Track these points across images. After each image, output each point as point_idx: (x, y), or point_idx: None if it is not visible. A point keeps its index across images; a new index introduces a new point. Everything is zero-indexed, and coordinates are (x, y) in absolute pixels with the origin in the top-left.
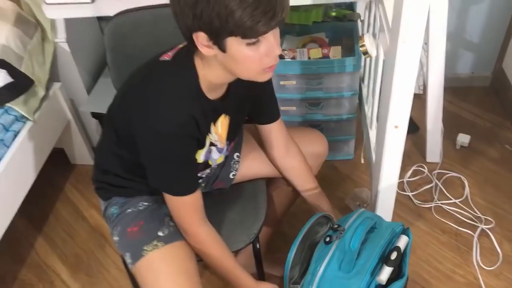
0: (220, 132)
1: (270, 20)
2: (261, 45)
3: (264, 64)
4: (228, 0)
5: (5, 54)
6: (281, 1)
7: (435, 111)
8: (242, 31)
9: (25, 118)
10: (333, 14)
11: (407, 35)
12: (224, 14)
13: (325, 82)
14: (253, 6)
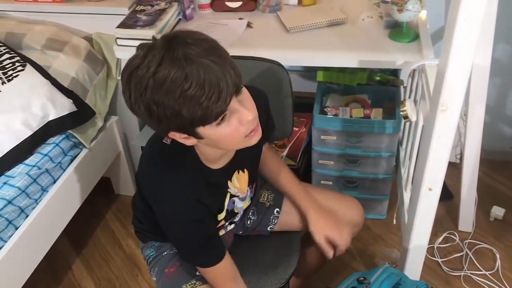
0: (239, 186)
1: (218, 101)
2: (231, 118)
3: (243, 133)
4: (171, 101)
5: (74, 85)
6: (223, 76)
7: (470, 180)
8: (200, 121)
9: (82, 145)
10: (377, 78)
11: (446, 104)
12: (176, 115)
13: (365, 141)
14: (194, 99)
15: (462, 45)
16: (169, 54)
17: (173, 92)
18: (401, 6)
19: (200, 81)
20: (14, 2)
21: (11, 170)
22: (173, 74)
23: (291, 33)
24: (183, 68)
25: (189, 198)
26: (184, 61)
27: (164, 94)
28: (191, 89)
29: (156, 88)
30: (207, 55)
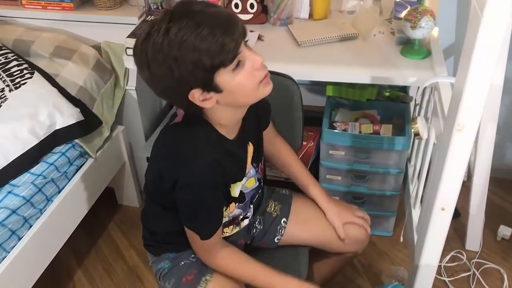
0: (247, 161)
1: (233, 35)
2: (244, 64)
3: (258, 78)
4: (190, 49)
5: (81, 94)
6: (232, 17)
7: (479, 199)
8: (219, 63)
9: (88, 155)
10: (386, 94)
11: (463, 124)
12: (196, 63)
13: (373, 157)
14: (210, 37)
15: (481, 67)
16: (176, 13)
17: (189, 40)
18: (414, 23)
19: (212, 23)
20: (23, 9)
21: (16, 179)
22: (184, 24)
23: (303, 47)
24: (193, 18)
25: (211, 158)
26: (192, 13)
27: (181, 45)
28: (205, 31)
29: (172, 43)
30: (212, 6)
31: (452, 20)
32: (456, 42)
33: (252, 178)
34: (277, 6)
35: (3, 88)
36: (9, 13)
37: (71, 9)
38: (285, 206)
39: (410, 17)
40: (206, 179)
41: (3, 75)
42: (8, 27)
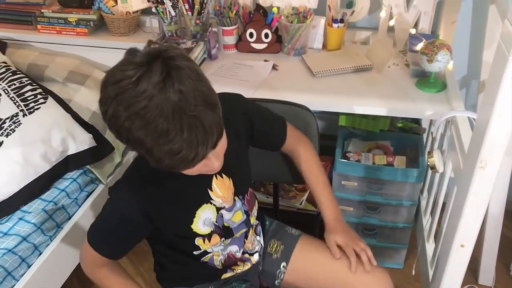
0: (221, 194)
1: (190, 163)
2: (200, 163)
3: (204, 172)
4: (147, 139)
5: (94, 120)
6: (204, 143)
7: (493, 234)
8: (178, 168)
9: (99, 181)
10: (399, 125)
11: (485, 161)
12: (146, 151)
13: (386, 188)
14: (180, 149)
15: (507, 105)
16: (163, 94)
17: (150, 135)
18: (431, 56)
19: (180, 138)
20: (38, 34)
21: (27, 205)
22: (158, 119)
23: (317, 77)
24: (170, 121)
25: (134, 204)
26: (174, 113)
27: (143, 131)
28: (170, 146)
29: (138, 122)
30: (198, 108)
31: (465, 53)
32: (467, 75)
33: (238, 212)
34: (291, 36)
35: (17, 113)
36: (24, 37)
37: (85, 34)
38: (287, 250)
39: (426, 50)
40: (116, 210)
41: (17, 100)
42: (23, 52)
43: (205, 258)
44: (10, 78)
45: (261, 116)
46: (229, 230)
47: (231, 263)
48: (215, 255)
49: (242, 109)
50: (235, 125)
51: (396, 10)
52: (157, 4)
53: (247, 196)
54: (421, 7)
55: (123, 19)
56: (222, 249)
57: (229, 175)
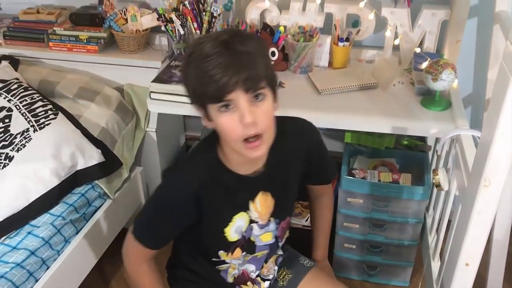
0: (260, 210)
1: (226, 78)
2: (234, 113)
3: (239, 134)
4: (192, 68)
5: (103, 135)
6: (242, 65)
7: (499, 253)
8: (201, 95)
9: (107, 196)
10: (404, 143)
11: (489, 180)
12: (187, 82)
13: (392, 206)
14: (208, 68)
15: (510, 123)
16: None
17: (192, 63)
18: (436, 75)
19: (215, 62)
20: (49, 51)
21: (36, 219)
22: (204, 50)
23: (323, 95)
24: (219, 45)
25: (190, 178)
26: (221, 44)
27: (188, 64)
28: (204, 67)
29: (187, 59)
30: (240, 46)
31: (470, 71)
32: (473, 93)
33: (269, 233)
34: (297, 55)
35: (28, 128)
36: (36, 55)
37: (95, 51)
38: (295, 280)
39: (431, 69)
40: (171, 192)
41: (28, 115)
42: (34, 68)
43: (220, 267)
44: (22, 94)
45: (324, 152)
46: (252, 246)
47: (242, 281)
48: (231, 267)
49: (312, 141)
50: (299, 154)
51: (401, 29)
52: (166, 22)
53: (283, 223)
54: (426, 27)
55: (133, 37)
56: (240, 263)
57: (274, 195)
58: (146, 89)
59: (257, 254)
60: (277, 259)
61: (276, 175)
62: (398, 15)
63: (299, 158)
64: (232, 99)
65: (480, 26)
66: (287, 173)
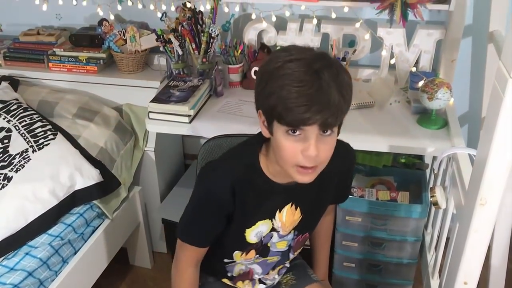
0: (284, 221)
1: (309, 114)
2: (300, 141)
3: (297, 161)
4: (272, 83)
5: (102, 155)
6: (329, 104)
7: (499, 269)
8: (277, 114)
9: (105, 216)
10: (402, 161)
11: (485, 198)
12: (267, 95)
13: (390, 224)
14: (295, 95)
15: (504, 142)
16: (309, 62)
17: (279, 79)
18: (431, 94)
19: (303, 92)
20: (49, 71)
21: (34, 240)
22: (295, 70)
23: None
24: (307, 75)
25: (225, 178)
26: (314, 73)
27: (273, 76)
28: (291, 91)
29: (274, 70)
30: (331, 81)
31: (466, 90)
32: (469, 111)
33: (285, 241)
34: None
35: (27, 149)
36: (36, 75)
37: (95, 72)
38: (297, 286)
39: (427, 88)
40: (212, 187)
41: (27, 136)
42: (34, 89)
43: (229, 265)
44: (21, 114)
45: (352, 174)
46: (267, 250)
47: (242, 277)
48: (239, 264)
49: (351, 166)
50: (337, 176)
51: (397, 49)
52: (165, 43)
53: (301, 236)
54: (421, 46)
55: (132, 58)
56: (249, 263)
57: (302, 211)
58: (144, 109)
59: (268, 258)
60: (281, 269)
61: (310, 192)
62: (394, 35)
63: (336, 179)
64: (305, 129)
65: (474, 45)
66: (321, 192)
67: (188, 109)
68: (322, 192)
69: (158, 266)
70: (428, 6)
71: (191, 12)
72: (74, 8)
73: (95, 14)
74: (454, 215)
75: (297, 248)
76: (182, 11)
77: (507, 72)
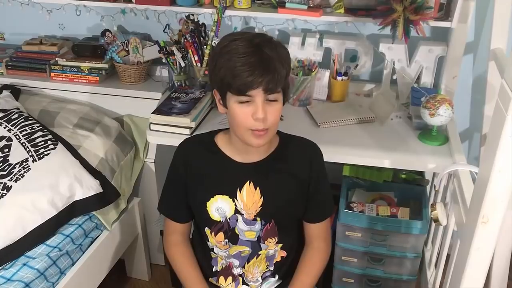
0: (245, 201)
1: (253, 79)
2: (249, 106)
3: (250, 124)
4: (225, 58)
5: (102, 166)
6: (269, 70)
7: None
8: (227, 85)
9: (104, 227)
10: (403, 177)
11: (487, 217)
12: (217, 71)
13: (390, 240)
14: (239, 64)
15: (507, 159)
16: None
17: (226, 55)
18: (433, 110)
19: (247, 61)
20: (51, 81)
21: (31, 250)
22: (239, 45)
23: (322, 128)
24: (249, 48)
25: (184, 151)
26: (255, 46)
27: (221, 54)
28: (243, 59)
29: (221, 49)
30: (270, 52)
31: (467, 106)
32: (470, 127)
33: (253, 232)
34: (296, 88)
35: (27, 158)
36: (37, 84)
37: (96, 82)
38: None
39: (428, 105)
40: (173, 160)
41: (27, 145)
42: (35, 98)
43: (212, 254)
44: (22, 123)
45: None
46: (235, 238)
47: (227, 273)
48: (219, 257)
49: (315, 158)
50: (300, 166)
51: (399, 64)
52: (167, 55)
53: (268, 225)
54: (423, 62)
55: (134, 69)
56: (226, 256)
57: (262, 193)
58: (145, 120)
59: (239, 248)
60: (265, 272)
61: (269, 174)
62: (395, 50)
63: (302, 171)
64: (251, 95)
65: (476, 62)
66: (283, 178)
67: (189, 121)
68: (282, 179)
69: (156, 279)
70: (430, 23)
71: (194, 25)
72: (77, 19)
73: (98, 24)
74: (455, 232)
75: (267, 238)
76: (185, 23)
77: (511, 90)
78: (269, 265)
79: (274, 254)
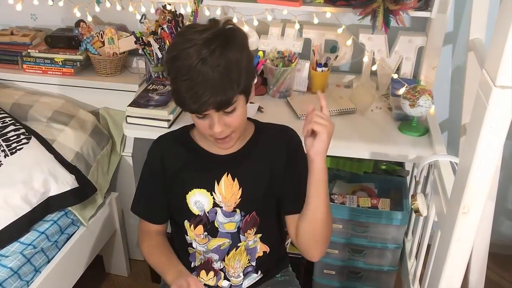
0: (224, 194)
1: (193, 105)
2: (206, 119)
3: (210, 134)
4: (177, 83)
5: (77, 160)
6: (216, 90)
7: (478, 277)
8: (188, 109)
9: (80, 223)
10: (383, 167)
11: (468, 207)
12: (176, 96)
13: (371, 231)
14: (190, 90)
15: (488, 150)
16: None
17: (173, 70)
18: (413, 101)
19: (190, 85)
20: (23, 73)
21: (4, 248)
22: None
23: (302, 119)
24: (192, 66)
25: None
26: (200, 62)
27: (171, 66)
28: (181, 85)
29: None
30: (216, 66)
31: (446, 97)
32: (449, 118)
33: (233, 223)
34: (276, 79)
35: None
36: (9, 77)
37: (71, 74)
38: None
39: (408, 95)
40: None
41: None
42: (7, 91)
43: (190, 249)
44: None
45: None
46: (214, 230)
47: (207, 268)
48: (197, 252)
49: (293, 144)
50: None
51: (379, 55)
52: (144, 46)
53: (248, 216)
54: (402, 53)
55: (109, 60)
56: (204, 251)
57: (240, 184)
58: (122, 113)
59: (219, 241)
60: (247, 267)
61: (245, 163)
62: (375, 41)
63: (278, 157)
64: (205, 113)
65: (455, 53)
66: (260, 166)
67: (167, 113)
68: (260, 167)
69: (135, 274)
70: (410, 13)
71: (171, 15)
72: (50, 9)
73: (72, 15)
74: (435, 222)
75: (247, 229)
76: (162, 13)
77: (491, 80)
78: (250, 259)
79: (255, 247)
